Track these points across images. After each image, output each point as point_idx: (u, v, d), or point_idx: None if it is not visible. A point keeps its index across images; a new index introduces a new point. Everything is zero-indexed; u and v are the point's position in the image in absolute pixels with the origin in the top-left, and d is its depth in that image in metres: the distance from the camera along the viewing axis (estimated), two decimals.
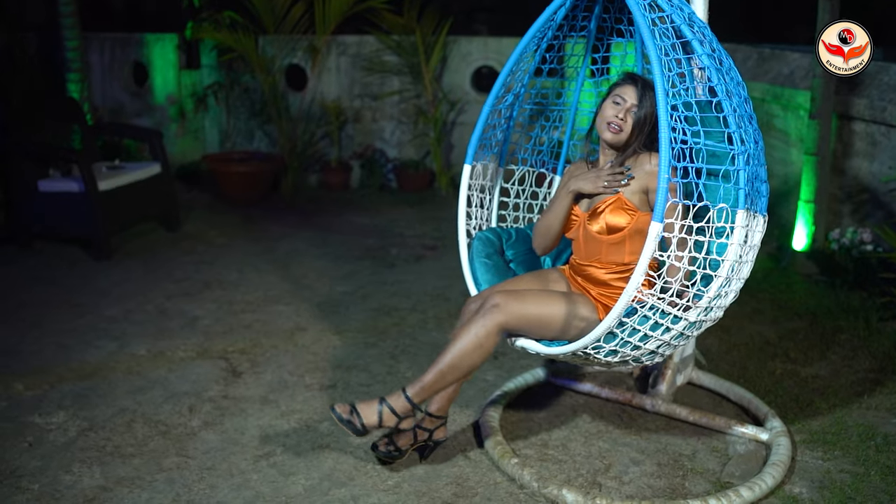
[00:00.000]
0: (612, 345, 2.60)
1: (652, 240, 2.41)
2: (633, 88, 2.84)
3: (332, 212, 6.70)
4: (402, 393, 2.85)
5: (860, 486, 2.92)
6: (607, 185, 2.81)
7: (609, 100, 2.88)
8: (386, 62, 7.27)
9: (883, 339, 4.16)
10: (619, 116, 2.84)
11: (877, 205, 5.18)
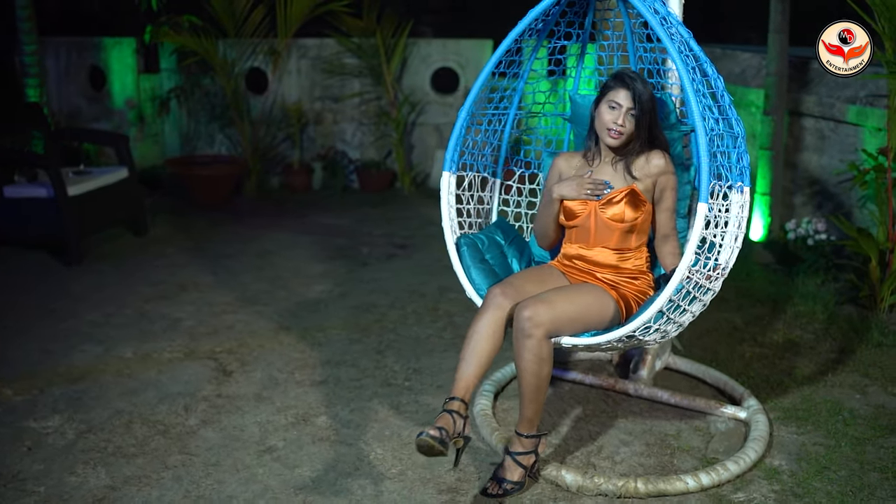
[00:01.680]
0: (659, 323, 2.76)
1: (701, 219, 2.65)
2: (627, 91, 2.96)
3: (298, 213, 6.75)
4: (521, 436, 2.87)
5: (833, 457, 3.12)
6: (589, 194, 3.00)
7: (604, 105, 3.00)
8: (346, 64, 7.35)
9: (841, 322, 4.40)
10: (619, 122, 2.97)
11: (826, 196, 5.46)
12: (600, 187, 3.01)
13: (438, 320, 4.51)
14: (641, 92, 2.96)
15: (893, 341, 4.16)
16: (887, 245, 4.39)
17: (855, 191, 5.09)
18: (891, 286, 4.42)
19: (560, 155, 3.24)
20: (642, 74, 3.53)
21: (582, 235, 3.08)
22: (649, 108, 2.98)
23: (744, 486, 2.93)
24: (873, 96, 5.00)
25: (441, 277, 5.19)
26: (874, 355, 4.03)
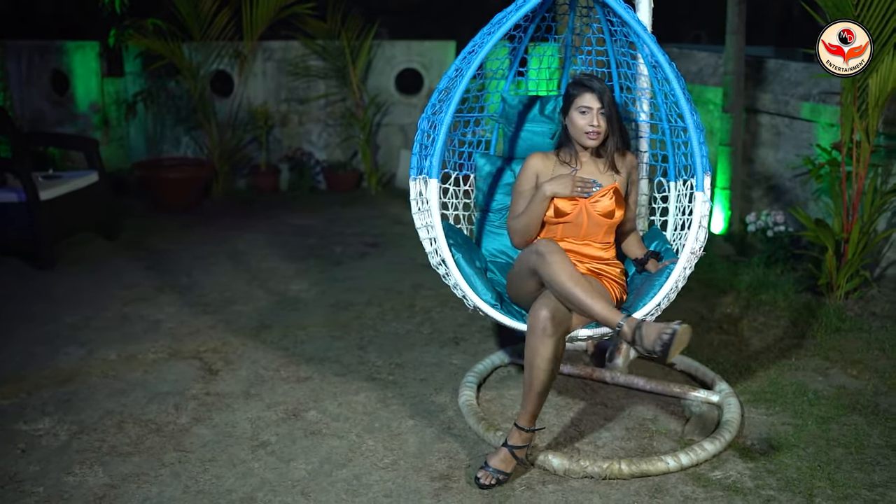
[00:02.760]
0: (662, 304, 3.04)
1: (699, 206, 3.07)
2: (591, 94, 3.15)
3: (268, 214, 6.81)
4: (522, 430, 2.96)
5: (801, 435, 3.30)
6: (580, 191, 3.14)
7: (574, 112, 3.18)
8: (311, 66, 7.42)
9: (801, 309, 4.62)
10: (594, 124, 3.16)
11: (783, 189, 5.69)
12: (589, 185, 3.15)
13: (415, 316, 4.62)
14: (604, 90, 3.15)
15: (851, 326, 4.38)
16: (842, 235, 4.61)
17: (810, 184, 5.32)
18: (846, 274, 4.65)
19: (534, 155, 3.34)
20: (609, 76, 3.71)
21: (571, 231, 3.23)
22: (614, 103, 3.17)
23: (720, 464, 3.09)
24: (825, 94, 5.23)
25: (414, 275, 5.30)
26: (833, 340, 4.24)
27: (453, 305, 4.74)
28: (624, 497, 2.90)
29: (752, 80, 5.75)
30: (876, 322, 4.45)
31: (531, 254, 2.99)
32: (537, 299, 2.94)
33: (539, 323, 2.85)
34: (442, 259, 3.05)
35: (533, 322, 2.87)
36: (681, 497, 2.89)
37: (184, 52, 6.95)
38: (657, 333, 2.73)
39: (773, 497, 2.89)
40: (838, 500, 2.87)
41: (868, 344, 4.18)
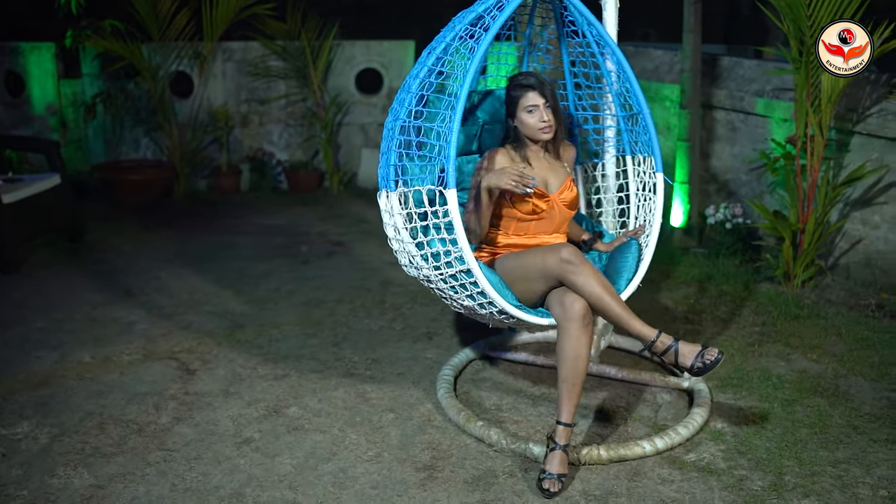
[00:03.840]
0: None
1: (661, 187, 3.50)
2: (533, 91, 3.27)
3: (231, 215, 6.80)
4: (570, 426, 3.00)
5: (768, 417, 3.44)
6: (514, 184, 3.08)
7: (522, 113, 3.28)
8: (272, 67, 7.42)
9: (760, 298, 4.78)
10: (545, 119, 3.28)
11: (739, 183, 5.86)
12: (527, 180, 3.09)
13: (387, 313, 4.68)
14: (544, 85, 3.28)
15: (808, 313, 4.56)
16: (798, 226, 4.78)
17: (766, 177, 5.50)
18: (802, 264, 4.82)
19: (498, 151, 3.37)
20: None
21: (544, 226, 3.35)
22: (555, 95, 3.32)
23: (694, 447, 3.21)
24: (779, 90, 5.41)
25: (382, 272, 5.36)
26: (793, 326, 4.40)
27: (423, 301, 4.81)
28: (604, 481, 3.00)
29: (708, 77, 5.91)
30: (832, 309, 4.63)
31: (553, 259, 3.04)
32: (566, 293, 3.02)
33: (578, 314, 2.97)
34: (467, 268, 3.00)
35: (573, 314, 2.96)
36: (658, 479, 3.00)
37: (143, 53, 6.90)
38: (696, 353, 3.00)
39: (745, 476, 3.02)
40: (806, 478, 3.01)
41: (825, 330, 4.35)
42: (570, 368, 2.96)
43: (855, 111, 4.82)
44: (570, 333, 2.97)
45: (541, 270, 3.09)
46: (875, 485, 2.98)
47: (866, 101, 4.78)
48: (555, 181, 3.38)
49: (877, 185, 4.82)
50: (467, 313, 3.30)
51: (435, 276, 3.11)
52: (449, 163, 2.94)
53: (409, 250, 3.15)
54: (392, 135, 3.13)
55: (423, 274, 3.18)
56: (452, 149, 2.94)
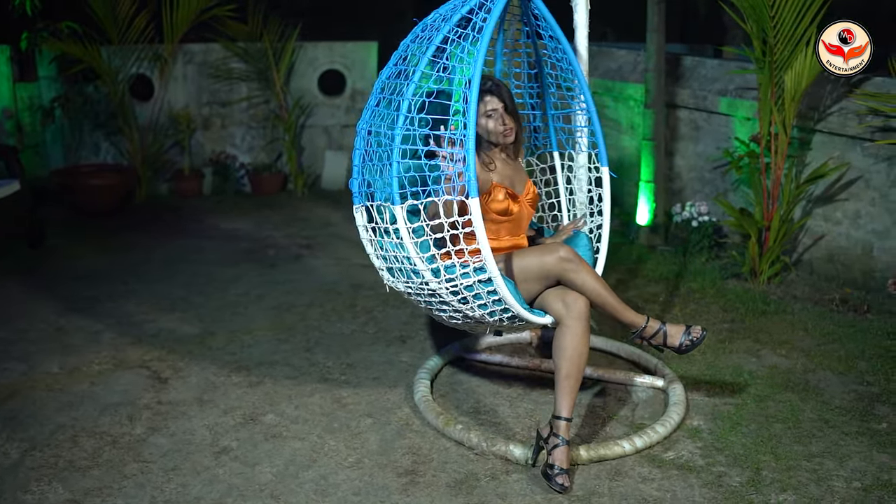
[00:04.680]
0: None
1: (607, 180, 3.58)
2: (491, 96, 3.30)
3: (195, 219, 6.71)
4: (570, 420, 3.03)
5: (742, 414, 3.49)
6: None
7: (482, 118, 3.30)
8: (233, 69, 7.34)
9: (728, 294, 4.85)
10: (505, 123, 3.31)
11: (703, 181, 5.94)
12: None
13: (359, 316, 4.66)
14: (501, 88, 3.31)
15: (775, 309, 4.63)
16: (764, 223, 4.86)
17: (730, 175, 5.58)
18: (768, 260, 4.90)
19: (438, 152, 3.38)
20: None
21: (513, 227, 3.36)
22: (512, 97, 3.34)
23: (672, 445, 3.25)
24: (741, 89, 5.49)
25: (352, 275, 5.33)
26: (761, 322, 4.47)
27: (395, 304, 4.80)
28: (585, 482, 3.01)
29: (671, 77, 5.98)
30: (797, 305, 4.71)
31: (551, 259, 3.11)
32: (566, 292, 3.10)
33: (582, 311, 3.05)
34: (487, 277, 2.95)
35: (576, 312, 3.05)
36: (639, 478, 3.03)
37: (102, 55, 6.78)
38: (682, 332, 3.18)
39: (724, 473, 3.06)
40: (782, 472, 3.06)
41: (792, 325, 4.43)
42: (574, 365, 3.01)
43: (816, 110, 4.91)
44: (574, 331, 3.02)
45: (539, 271, 3.13)
46: (849, 477, 3.04)
47: (827, 100, 4.87)
48: (519, 182, 3.41)
49: (838, 182, 4.92)
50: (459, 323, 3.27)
51: (443, 290, 3.05)
52: (470, 170, 2.88)
53: (416, 266, 3.05)
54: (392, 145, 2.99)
55: (429, 289, 3.08)
56: (471, 155, 2.88)
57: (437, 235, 2.99)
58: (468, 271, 2.99)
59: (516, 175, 3.43)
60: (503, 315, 3.09)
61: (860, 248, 4.89)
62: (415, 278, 3.10)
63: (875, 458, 3.16)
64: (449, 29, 2.98)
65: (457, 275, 3.01)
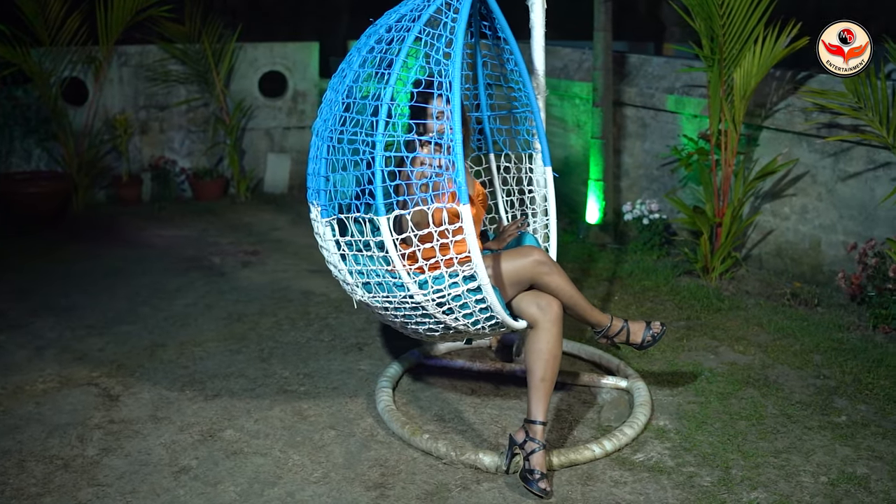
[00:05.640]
0: None
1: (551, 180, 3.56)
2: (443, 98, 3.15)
3: (136, 226, 6.50)
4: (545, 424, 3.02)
5: (706, 412, 3.50)
6: None
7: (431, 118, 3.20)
8: (171, 71, 7.14)
9: (682, 292, 4.88)
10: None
11: (651, 179, 5.98)
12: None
13: (312, 324, 4.56)
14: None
15: (729, 305, 4.68)
16: (716, 220, 4.90)
17: (678, 172, 5.62)
18: (720, 257, 4.95)
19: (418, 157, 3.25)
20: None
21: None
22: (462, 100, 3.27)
23: (640, 447, 3.24)
24: (689, 86, 5.53)
25: (302, 281, 5.23)
26: (716, 319, 4.51)
27: (348, 311, 4.71)
28: (558, 488, 2.98)
29: (617, 75, 6.00)
30: (750, 300, 4.77)
31: (526, 263, 3.09)
32: (540, 296, 3.09)
33: (557, 314, 3.05)
34: (478, 286, 2.89)
35: (552, 315, 3.04)
36: (611, 482, 3.01)
37: (33, 58, 6.51)
38: (644, 328, 3.26)
39: (694, 473, 3.06)
40: (751, 470, 3.07)
41: (747, 321, 4.48)
42: (549, 368, 3.00)
43: (763, 107, 4.97)
44: (551, 334, 3.01)
45: (515, 276, 3.09)
46: (815, 472, 3.07)
47: (773, 97, 4.94)
48: (470, 184, 3.35)
49: (785, 178, 4.99)
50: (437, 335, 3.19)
51: (429, 302, 2.95)
52: (459, 175, 2.80)
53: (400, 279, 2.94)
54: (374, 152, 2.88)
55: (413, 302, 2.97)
56: (460, 159, 2.81)
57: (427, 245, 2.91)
58: (457, 280, 2.92)
59: (467, 176, 3.36)
60: (486, 323, 3.03)
61: (808, 242, 4.97)
62: (397, 293, 3.00)
63: (839, 452, 3.20)
64: (419, 29, 2.90)
65: (445, 285, 2.93)
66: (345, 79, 3.10)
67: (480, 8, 3.41)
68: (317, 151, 3.12)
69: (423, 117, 3.16)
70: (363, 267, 3.09)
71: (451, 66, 2.84)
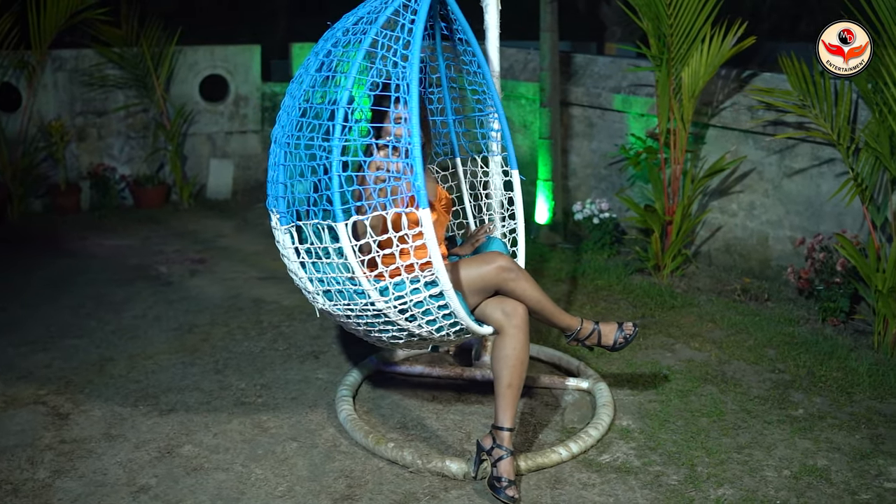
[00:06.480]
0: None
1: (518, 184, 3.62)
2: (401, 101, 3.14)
3: (77, 236, 6.30)
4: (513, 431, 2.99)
5: (668, 410, 3.53)
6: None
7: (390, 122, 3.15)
8: (109, 76, 6.94)
9: (635, 290, 4.92)
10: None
11: (599, 178, 6.02)
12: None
13: (266, 332, 4.47)
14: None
15: (682, 302, 4.73)
16: (667, 218, 4.95)
17: (626, 171, 5.67)
18: (671, 254, 5.00)
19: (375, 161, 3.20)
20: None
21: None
22: (425, 106, 3.27)
23: (606, 448, 3.24)
24: (635, 86, 5.58)
25: (252, 289, 5.13)
26: (670, 316, 4.56)
27: (301, 318, 4.63)
28: (527, 492, 2.97)
29: (564, 75, 6.03)
30: (702, 297, 4.83)
31: (490, 269, 3.04)
32: (505, 301, 3.05)
33: (523, 320, 3.03)
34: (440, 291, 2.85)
35: (517, 321, 3.01)
36: (579, 484, 3.00)
37: None
38: (615, 330, 3.21)
39: (661, 472, 3.07)
40: (716, 466, 3.10)
41: (700, 317, 4.53)
42: (516, 374, 2.97)
43: (710, 105, 5.04)
44: (516, 339, 2.99)
45: (479, 282, 3.05)
46: (778, 466, 3.11)
47: (720, 96, 5.01)
48: (431, 189, 3.32)
49: (733, 175, 5.07)
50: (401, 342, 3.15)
51: (390, 309, 2.90)
52: (418, 179, 2.76)
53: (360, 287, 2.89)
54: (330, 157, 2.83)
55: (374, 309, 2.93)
56: (418, 163, 2.76)
57: (387, 251, 2.86)
58: (419, 286, 2.87)
59: (428, 182, 3.32)
60: (451, 329, 2.99)
61: (756, 238, 5.05)
62: (358, 300, 2.95)
63: (798, 445, 3.26)
64: (376, 32, 2.85)
65: (406, 291, 2.88)
66: (302, 84, 3.04)
67: (440, 10, 3.37)
68: (275, 158, 3.05)
69: (380, 121, 3.12)
70: (323, 275, 3.03)
71: (409, 69, 2.79)
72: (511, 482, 2.87)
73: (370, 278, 2.89)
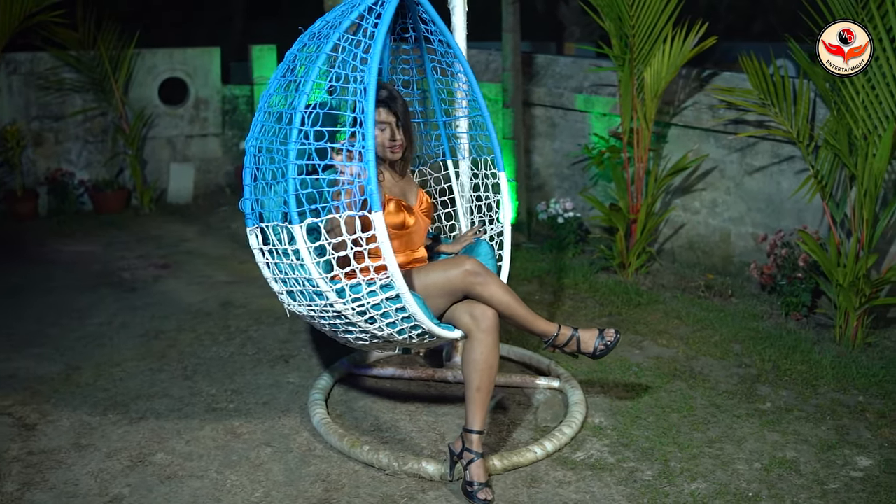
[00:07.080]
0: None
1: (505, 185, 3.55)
2: (387, 109, 3.17)
3: (36, 243, 6.19)
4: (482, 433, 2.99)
5: (639, 407, 3.58)
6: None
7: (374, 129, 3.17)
8: (66, 79, 6.83)
9: (601, 288, 4.97)
10: (395, 139, 3.20)
11: (562, 177, 6.07)
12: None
13: (234, 337, 4.44)
14: (395, 101, 3.18)
15: (648, 300, 4.79)
16: (632, 217, 5.01)
17: (589, 171, 5.72)
18: (636, 252, 5.06)
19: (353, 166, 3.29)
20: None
21: (410, 241, 3.26)
22: (407, 111, 3.24)
23: (580, 445, 3.28)
24: (597, 85, 5.64)
25: (218, 293, 5.08)
26: (637, 314, 4.61)
27: (269, 322, 4.61)
28: (504, 491, 2.98)
29: (525, 76, 6.07)
30: (667, 293, 4.89)
31: (457, 273, 3.02)
32: (474, 305, 3.03)
33: (492, 324, 2.99)
34: (397, 294, 2.84)
35: (486, 325, 2.98)
36: (555, 483, 3.03)
37: None
38: (596, 337, 3.14)
39: (635, 468, 3.11)
40: (689, 461, 3.15)
41: (666, 314, 4.59)
42: (485, 378, 2.96)
43: (671, 104, 5.11)
44: (485, 344, 2.97)
45: (445, 286, 3.03)
46: (749, 459, 3.17)
47: (681, 95, 5.08)
48: (411, 194, 3.33)
49: (695, 173, 5.15)
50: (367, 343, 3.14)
51: (349, 311, 2.91)
52: (371, 182, 2.75)
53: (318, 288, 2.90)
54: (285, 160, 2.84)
55: (333, 310, 2.94)
56: (371, 167, 2.75)
57: (341, 253, 2.86)
58: (375, 289, 2.87)
59: (407, 186, 3.34)
60: (413, 332, 2.99)
61: (718, 235, 5.14)
62: (318, 301, 2.95)
63: (768, 438, 3.32)
64: (339, 36, 2.85)
65: (363, 293, 2.89)
66: (269, 88, 3.05)
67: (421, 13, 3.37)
68: (245, 162, 3.06)
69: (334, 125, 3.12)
70: (285, 275, 3.06)
71: (367, 72, 2.80)
72: (483, 485, 2.89)
73: (327, 280, 2.89)
